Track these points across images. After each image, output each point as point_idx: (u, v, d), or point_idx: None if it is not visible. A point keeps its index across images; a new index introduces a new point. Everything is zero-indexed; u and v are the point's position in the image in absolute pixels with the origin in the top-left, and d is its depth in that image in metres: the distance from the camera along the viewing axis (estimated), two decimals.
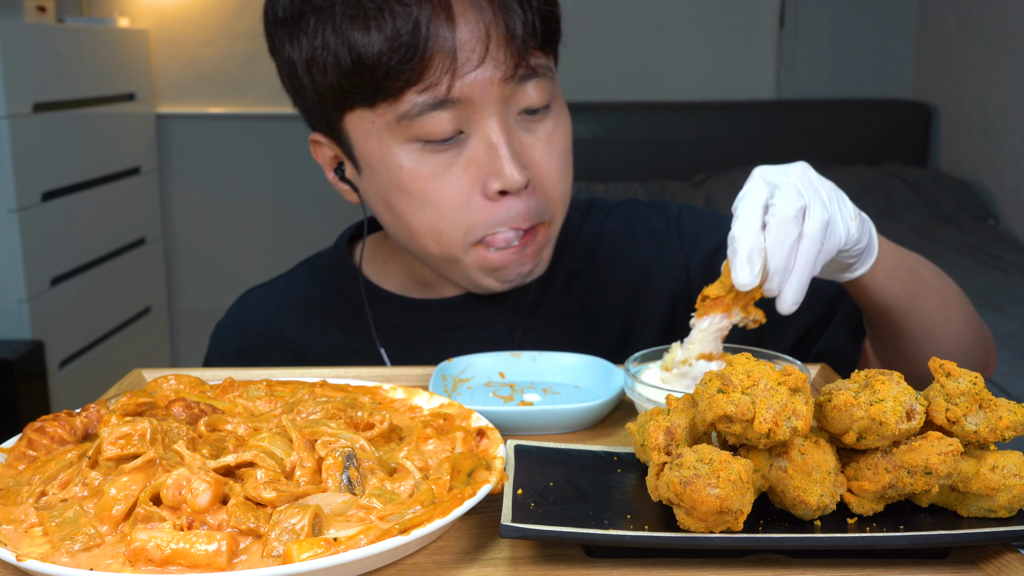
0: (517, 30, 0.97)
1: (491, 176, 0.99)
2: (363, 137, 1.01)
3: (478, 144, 1.00)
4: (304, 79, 1.01)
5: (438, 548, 0.68)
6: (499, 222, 1.01)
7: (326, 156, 1.10)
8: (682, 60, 4.05)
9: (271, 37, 1.05)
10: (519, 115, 1.02)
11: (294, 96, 1.07)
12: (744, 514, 0.63)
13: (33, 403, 2.69)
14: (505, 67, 0.97)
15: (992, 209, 3.60)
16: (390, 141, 0.99)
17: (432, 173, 1.00)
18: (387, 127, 0.99)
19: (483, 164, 1.00)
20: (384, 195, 1.04)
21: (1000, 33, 3.53)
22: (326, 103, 1.02)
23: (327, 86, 0.99)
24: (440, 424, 0.79)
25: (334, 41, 0.96)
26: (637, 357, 0.92)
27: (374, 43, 0.94)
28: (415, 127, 0.97)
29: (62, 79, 3.02)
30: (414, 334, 1.15)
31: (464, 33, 0.95)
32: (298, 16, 0.99)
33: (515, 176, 0.98)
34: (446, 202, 1.00)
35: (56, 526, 0.64)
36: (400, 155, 1.00)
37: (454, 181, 1.00)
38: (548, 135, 1.03)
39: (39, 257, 2.86)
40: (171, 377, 0.87)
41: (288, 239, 3.92)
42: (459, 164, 1.00)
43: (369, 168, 1.03)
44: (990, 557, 0.64)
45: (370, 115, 0.99)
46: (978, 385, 0.68)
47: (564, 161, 1.05)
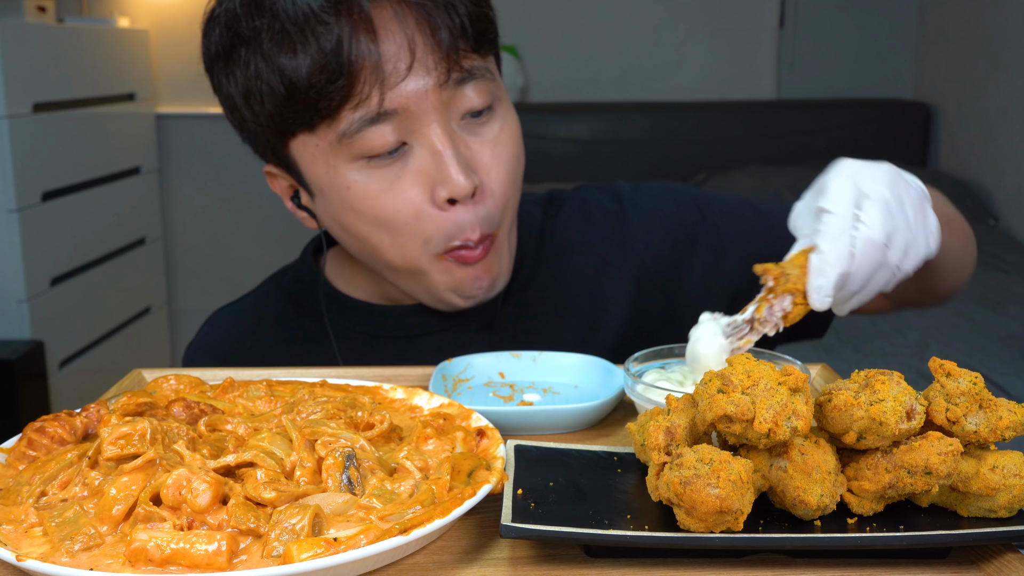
0: (443, 35, 0.96)
1: (438, 184, 0.99)
2: (309, 162, 1.01)
3: (423, 153, 0.99)
4: (244, 112, 1.01)
5: (438, 548, 0.68)
6: (452, 234, 1.00)
7: (282, 186, 1.10)
8: (682, 60, 4.05)
9: (210, 74, 1.05)
10: (462, 120, 1.01)
11: (239, 130, 1.07)
12: (744, 514, 0.63)
13: (33, 403, 2.69)
14: (437, 73, 0.97)
15: (992, 209, 3.60)
16: (335, 162, 0.99)
17: (380, 189, 0.99)
18: (330, 148, 0.99)
19: (430, 173, 0.99)
20: (338, 217, 1.03)
21: (1000, 33, 3.53)
22: (269, 133, 1.02)
23: (267, 115, 0.99)
24: (440, 424, 0.79)
25: (265, 69, 0.96)
26: (637, 357, 0.92)
27: (301, 66, 0.94)
28: (356, 144, 0.97)
29: (62, 79, 3.02)
30: (385, 341, 1.15)
31: (388, 44, 0.95)
32: (230, 49, 0.99)
33: (461, 181, 0.98)
34: (399, 217, 1.00)
35: (56, 526, 0.64)
36: (347, 175, 0.99)
37: (403, 194, 0.99)
38: (495, 137, 1.03)
39: (39, 257, 2.86)
40: (171, 377, 0.87)
41: (288, 239, 3.92)
42: (406, 176, 0.99)
43: (320, 192, 1.03)
44: (990, 557, 0.64)
45: (312, 139, 0.99)
46: (978, 385, 0.68)
47: (513, 164, 1.05)
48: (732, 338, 0.81)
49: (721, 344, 0.81)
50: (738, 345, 0.81)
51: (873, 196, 0.80)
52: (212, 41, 1.02)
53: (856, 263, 0.78)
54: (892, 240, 0.79)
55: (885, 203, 0.80)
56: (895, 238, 0.80)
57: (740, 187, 3.62)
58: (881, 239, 0.78)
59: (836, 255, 0.77)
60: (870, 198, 0.80)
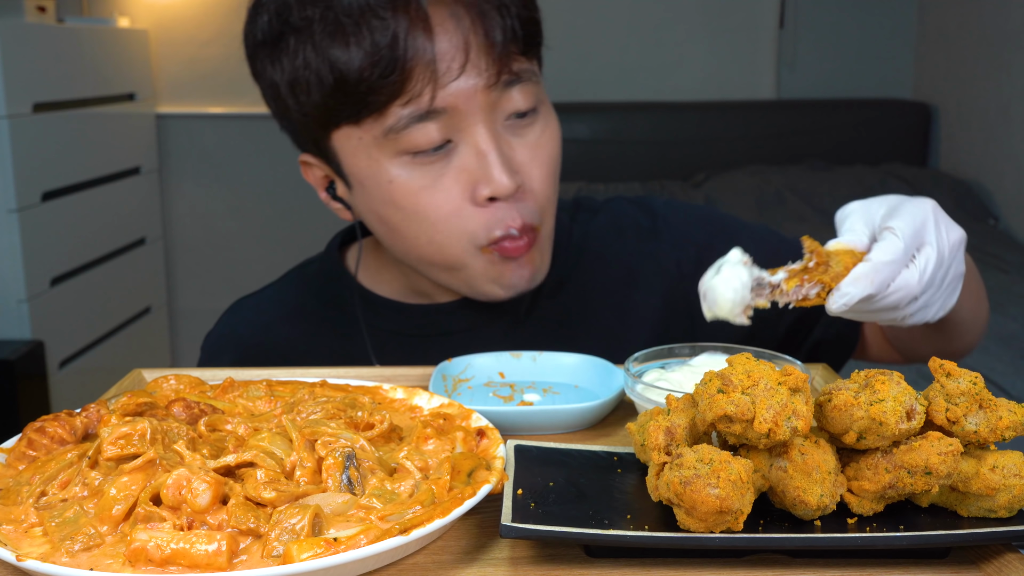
0: (497, 37, 0.97)
1: (481, 183, 0.99)
2: (351, 154, 1.01)
3: (467, 152, 1.00)
4: (288, 100, 1.01)
5: (438, 548, 0.68)
6: (494, 225, 1.01)
7: (317, 176, 1.10)
8: (682, 60, 4.05)
9: (253, 61, 1.05)
10: (507, 120, 1.02)
11: (280, 118, 1.07)
12: (744, 514, 0.63)
13: (33, 403, 2.69)
14: (488, 74, 0.97)
15: (992, 209, 3.60)
16: (379, 156, 1.00)
17: (422, 186, 1.00)
18: (375, 142, 0.99)
19: (473, 171, 1.00)
20: (377, 211, 1.04)
21: (1000, 33, 3.53)
22: (312, 123, 1.02)
23: (312, 106, 0.99)
24: (440, 424, 0.79)
25: (315, 60, 0.96)
26: (637, 357, 0.92)
27: (354, 59, 0.94)
28: (402, 140, 0.98)
29: (62, 79, 3.02)
30: (410, 340, 1.15)
31: (443, 43, 0.95)
32: (278, 37, 0.99)
33: (504, 181, 0.98)
34: (439, 213, 1.00)
35: (56, 526, 0.64)
36: (390, 169, 1.00)
37: (444, 192, 1.00)
38: (536, 139, 1.04)
39: (39, 257, 2.86)
40: (171, 377, 0.87)
41: (288, 239, 3.92)
42: (449, 174, 1.00)
43: (360, 185, 1.03)
44: (990, 557, 0.64)
45: (357, 131, 0.99)
46: (978, 385, 0.68)
47: (553, 166, 1.06)
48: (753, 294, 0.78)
49: (744, 297, 0.78)
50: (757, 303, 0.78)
51: (934, 248, 0.80)
52: (258, 27, 1.02)
53: (884, 293, 0.78)
54: (922, 296, 0.80)
55: (940, 260, 0.80)
56: (926, 295, 0.80)
57: (740, 187, 3.62)
58: (917, 291, 0.78)
59: (879, 278, 0.76)
60: (932, 247, 0.79)
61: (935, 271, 0.79)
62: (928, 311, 0.82)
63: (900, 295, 0.78)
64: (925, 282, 0.78)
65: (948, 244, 0.81)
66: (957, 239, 0.82)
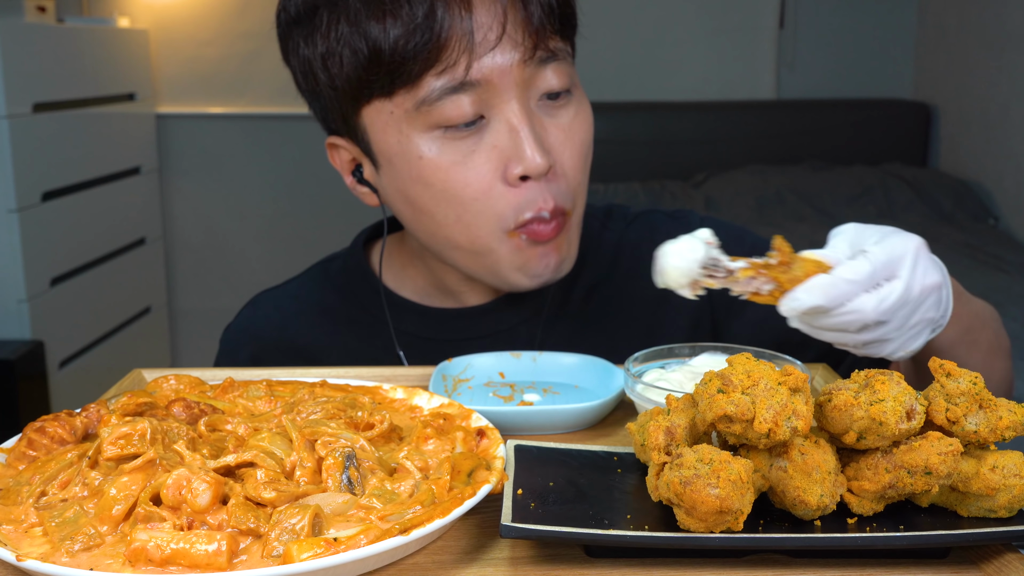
0: (534, 12, 0.96)
1: (512, 161, 0.98)
2: (381, 129, 1.00)
3: (499, 128, 0.98)
4: (320, 75, 1.01)
5: (438, 548, 0.68)
6: (523, 207, 0.99)
7: (344, 160, 1.09)
8: (682, 60, 4.05)
9: (285, 40, 1.04)
10: (540, 100, 1.01)
11: (310, 97, 1.06)
12: (744, 514, 0.63)
13: (33, 403, 2.69)
14: (524, 48, 0.96)
15: (992, 209, 3.60)
16: (410, 131, 0.98)
17: (453, 161, 0.98)
18: (406, 116, 0.98)
19: (505, 149, 0.98)
20: (405, 190, 1.02)
21: (1000, 33, 3.53)
22: (343, 98, 1.01)
23: (344, 79, 0.98)
24: (440, 424, 0.79)
25: (349, 32, 0.96)
26: (637, 357, 0.92)
27: (390, 31, 0.94)
28: (435, 113, 0.96)
29: (62, 79, 3.02)
30: (433, 343, 1.13)
31: (481, 14, 0.95)
32: (312, 13, 0.99)
33: (537, 160, 0.97)
34: (468, 192, 0.99)
35: (56, 526, 0.64)
36: (420, 144, 0.98)
37: (476, 169, 0.98)
38: (569, 122, 1.02)
39: (39, 257, 2.86)
40: (171, 377, 0.87)
41: (288, 239, 3.92)
42: (481, 150, 0.98)
43: (388, 162, 1.02)
44: (990, 557, 0.64)
45: (388, 105, 0.98)
46: (978, 385, 0.68)
47: (585, 150, 1.04)
48: (704, 271, 0.78)
49: (692, 270, 0.79)
50: (705, 282, 0.79)
51: (903, 282, 0.78)
52: (291, 4, 1.01)
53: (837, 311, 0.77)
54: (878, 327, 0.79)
55: (905, 297, 0.78)
56: (884, 328, 0.79)
57: (740, 187, 3.63)
58: (871, 318, 0.77)
59: (835, 292, 0.76)
60: (900, 282, 0.78)
61: (897, 306, 0.78)
62: (885, 346, 0.81)
63: (852, 317, 0.77)
64: (882, 311, 0.77)
65: (921, 285, 0.79)
66: (932, 284, 0.80)
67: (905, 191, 3.59)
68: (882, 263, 0.77)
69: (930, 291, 0.80)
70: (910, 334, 0.81)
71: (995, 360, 1.00)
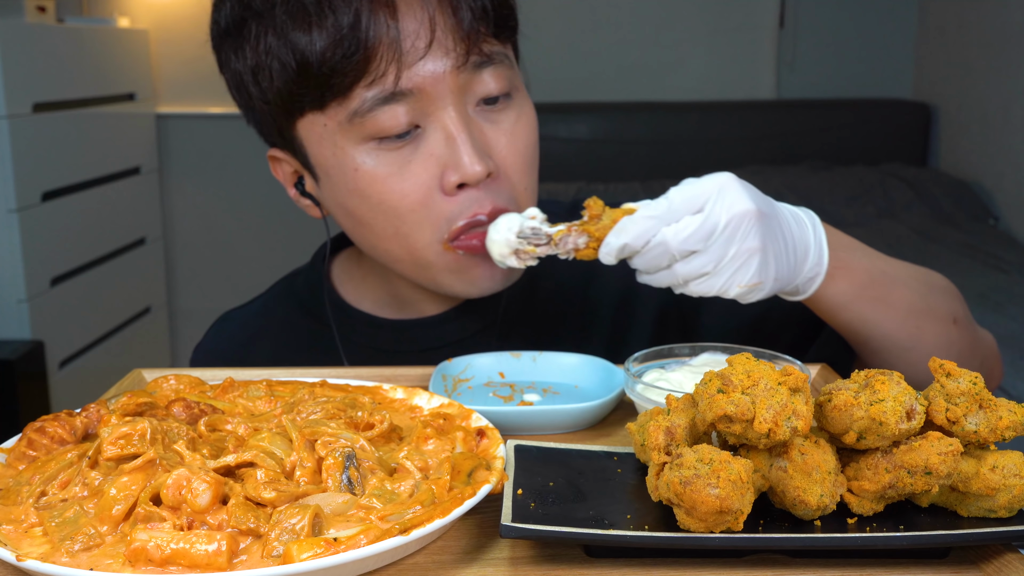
0: (465, 16, 0.95)
1: (449, 168, 0.96)
2: (316, 142, 0.99)
3: (436, 137, 0.96)
4: (252, 89, 0.99)
5: (438, 548, 0.68)
6: (460, 213, 0.97)
7: (286, 172, 1.07)
8: (682, 60, 4.05)
9: (218, 52, 1.03)
10: (478, 106, 0.99)
11: (245, 110, 1.05)
12: (744, 514, 0.63)
13: (33, 403, 2.69)
14: (456, 55, 0.95)
15: (992, 209, 3.60)
16: (344, 143, 0.96)
17: (389, 173, 0.96)
18: (340, 128, 0.96)
19: (442, 157, 0.96)
20: (343, 202, 1.00)
21: (1000, 33, 3.53)
22: (276, 112, 0.99)
23: (275, 93, 0.97)
24: (440, 424, 0.79)
25: (276, 44, 0.94)
26: (637, 357, 0.92)
27: (316, 42, 0.92)
28: (368, 124, 0.94)
29: (62, 79, 3.02)
30: (392, 356, 1.12)
31: (408, 22, 0.93)
32: (240, 24, 0.97)
33: (475, 167, 0.95)
34: (405, 203, 0.97)
35: (56, 526, 0.64)
36: (355, 156, 0.96)
37: (412, 179, 0.96)
38: (511, 126, 1.00)
39: (39, 257, 2.86)
40: (171, 377, 0.87)
41: (288, 239, 3.92)
42: (417, 160, 0.96)
43: (326, 175, 1.00)
44: (990, 557, 0.64)
45: (321, 118, 0.96)
46: (978, 385, 0.68)
47: (530, 153, 1.02)
48: (525, 240, 0.87)
49: (510, 240, 0.87)
50: (526, 249, 0.87)
51: (703, 214, 0.83)
52: (222, 15, 1.00)
53: (645, 249, 0.83)
54: (692, 260, 0.83)
55: (710, 227, 0.82)
56: (697, 261, 0.83)
57: None
58: (675, 248, 0.82)
59: (636, 229, 0.83)
60: (702, 214, 0.83)
61: (701, 234, 0.82)
62: (712, 281, 0.84)
63: (659, 251, 0.83)
64: (683, 239, 0.82)
65: (728, 214, 0.82)
66: (742, 211, 0.82)
67: (905, 191, 3.59)
68: (683, 198, 0.83)
69: (742, 218, 0.83)
70: (734, 266, 0.84)
71: (925, 323, 0.99)
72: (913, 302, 0.98)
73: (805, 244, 0.89)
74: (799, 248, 0.89)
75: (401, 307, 1.14)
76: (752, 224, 0.83)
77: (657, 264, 0.84)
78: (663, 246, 0.83)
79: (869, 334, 0.97)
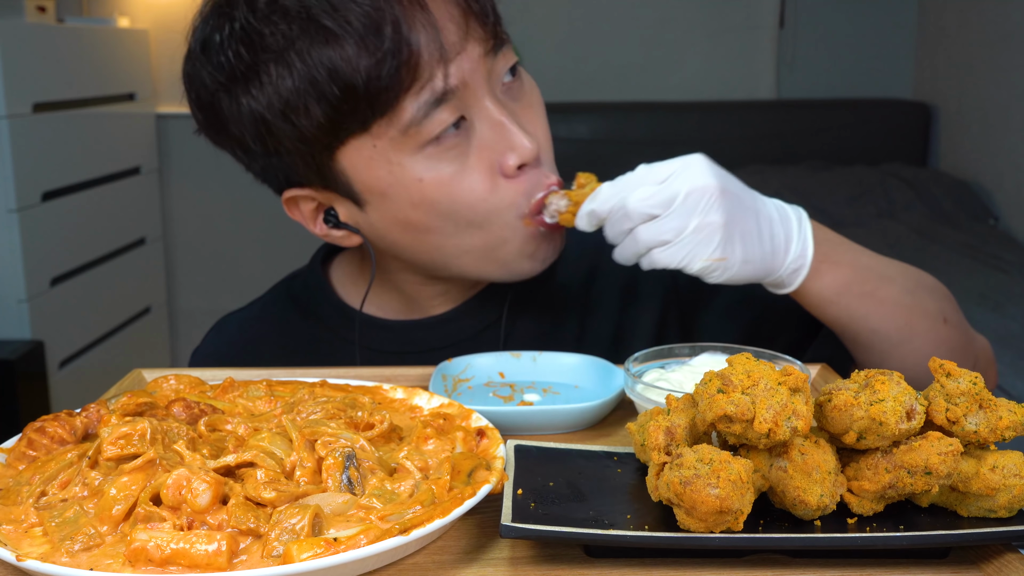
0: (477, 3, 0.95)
1: (505, 153, 0.97)
2: (365, 167, 0.95)
3: (482, 127, 0.96)
4: (282, 129, 0.93)
5: (438, 548, 0.68)
6: (532, 189, 0.99)
7: (307, 211, 1.03)
8: (682, 60, 4.05)
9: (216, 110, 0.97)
10: (502, 87, 1.00)
11: (266, 158, 0.98)
12: (744, 514, 0.63)
13: (33, 403, 2.69)
14: (484, 41, 0.96)
15: (992, 209, 3.60)
16: (400, 158, 0.94)
17: (452, 173, 0.95)
18: (392, 145, 0.94)
19: (493, 146, 0.97)
20: (405, 217, 0.98)
21: (1000, 33, 3.53)
22: (314, 147, 0.94)
23: (314, 126, 0.92)
24: (440, 424, 0.79)
25: (309, 75, 0.89)
26: (637, 357, 0.92)
27: (358, 60, 0.88)
28: (424, 131, 0.93)
29: (62, 79, 3.02)
30: (392, 357, 1.12)
31: (440, 18, 0.92)
32: (253, 67, 0.92)
33: (527, 144, 0.96)
34: (475, 195, 0.96)
35: (56, 526, 0.64)
36: (415, 168, 0.94)
37: (475, 173, 0.96)
38: (528, 98, 1.03)
39: (39, 257, 2.86)
40: (171, 377, 0.87)
41: (288, 239, 3.91)
42: (472, 153, 0.96)
43: (380, 196, 0.97)
44: (990, 557, 0.64)
45: (368, 140, 0.93)
46: (978, 385, 0.68)
47: (546, 120, 1.05)
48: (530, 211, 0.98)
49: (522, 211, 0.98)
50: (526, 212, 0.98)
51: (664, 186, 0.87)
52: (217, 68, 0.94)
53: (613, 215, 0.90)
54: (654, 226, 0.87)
55: (669, 196, 0.87)
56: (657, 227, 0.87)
57: None
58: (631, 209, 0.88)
59: (602, 196, 0.91)
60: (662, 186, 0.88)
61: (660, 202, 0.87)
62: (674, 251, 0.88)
63: (620, 215, 0.89)
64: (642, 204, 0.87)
65: (689, 185, 0.86)
66: (702, 185, 0.86)
67: (905, 191, 3.59)
68: (649, 170, 0.89)
69: (703, 192, 0.86)
70: (696, 239, 0.87)
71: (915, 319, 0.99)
72: (901, 298, 0.99)
73: (787, 235, 0.92)
74: (777, 237, 0.91)
75: (406, 308, 1.14)
76: (714, 199, 0.86)
77: (620, 228, 0.90)
78: (623, 209, 0.88)
79: (857, 329, 0.98)
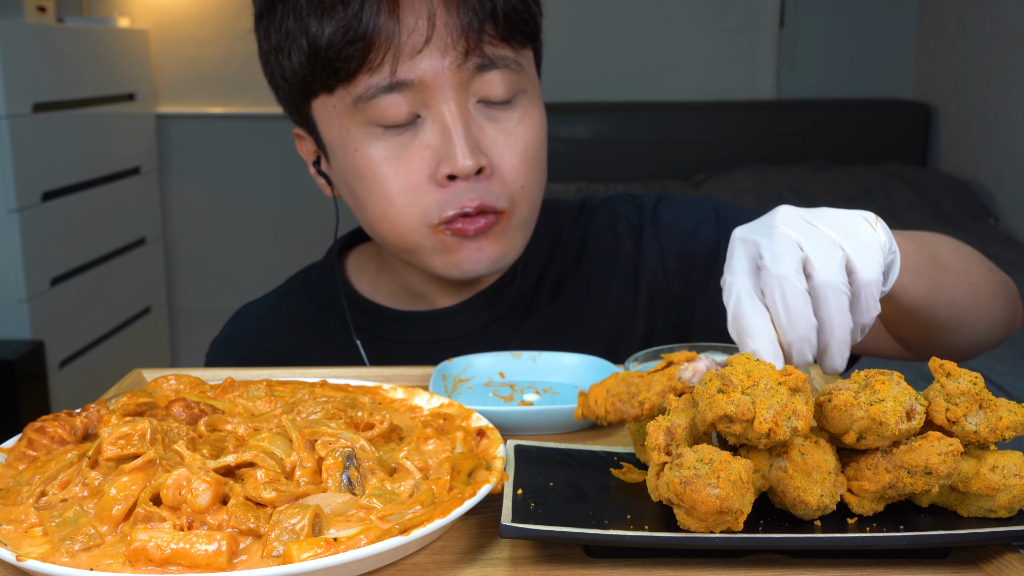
0: (466, 18, 0.97)
1: (443, 160, 1.00)
2: (326, 122, 1.04)
3: (433, 128, 1.00)
4: (275, 67, 1.06)
5: (438, 548, 0.68)
6: (447, 204, 1.00)
7: (308, 150, 1.13)
8: (682, 60, 4.05)
9: (257, 31, 1.09)
10: (480, 103, 1.01)
11: (273, 88, 1.11)
12: (744, 514, 0.63)
13: (33, 403, 2.69)
14: (455, 54, 0.98)
15: (992, 209, 3.60)
16: (349, 124, 1.02)
17: (385, 156, 1.01)
18: (346, 111, 1.01)
19: (437, 149, 1.00)
20: (346, 180, 1.06)
21: (1000, 33, 3.53)
22: (293, 91, 1.05)
23: (292, 73, 1.03)
24: (440, 424, 0.79)
25: (294, 27, 1.00)
26: (638, 357, 0.92)
27: (325, 28, 0.97)
28: (370, 110, 0.99)
29: (62, 79, 3.02)
30: (405, 347, 1.15)
31: (408, 17, 0.97)
32: (270, 6, 1.04)
33: (466, 161, 0.98)
34: (395, 187, 1.01)
35: (56, 526, 0.64)
36: (357, 138, 1.01)
37: (406, 165, 1.01)
38: (513, 126, 1.03)
39: (39, 257, 2.86)
40: (171, 377, 0.87)
41: (288, 239, 3.92)
42: (413, 148, 1.01)
43: (333, 154, 1.06)
44: (990, 557, 0.64)
45: (331, 100, 1.02)
46: (978, 385, 0.68)
47: (531, 154, 1.04)
48: None
49: None
50: None
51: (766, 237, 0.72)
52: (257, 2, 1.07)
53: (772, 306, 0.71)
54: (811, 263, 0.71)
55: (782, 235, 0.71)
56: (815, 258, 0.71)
57: (740, 187, 3.62)
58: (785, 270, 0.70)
59: (744, 317, 0.71)
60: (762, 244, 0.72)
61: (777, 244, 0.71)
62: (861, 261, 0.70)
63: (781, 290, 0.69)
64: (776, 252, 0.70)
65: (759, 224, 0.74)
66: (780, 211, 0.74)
67: (905, 191, 3.59)
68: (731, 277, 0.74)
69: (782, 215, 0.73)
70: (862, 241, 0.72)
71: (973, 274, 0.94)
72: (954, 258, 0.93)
73: None
74: None
75: (414, 300, 1.17)
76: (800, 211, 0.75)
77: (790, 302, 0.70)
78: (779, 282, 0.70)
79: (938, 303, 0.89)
